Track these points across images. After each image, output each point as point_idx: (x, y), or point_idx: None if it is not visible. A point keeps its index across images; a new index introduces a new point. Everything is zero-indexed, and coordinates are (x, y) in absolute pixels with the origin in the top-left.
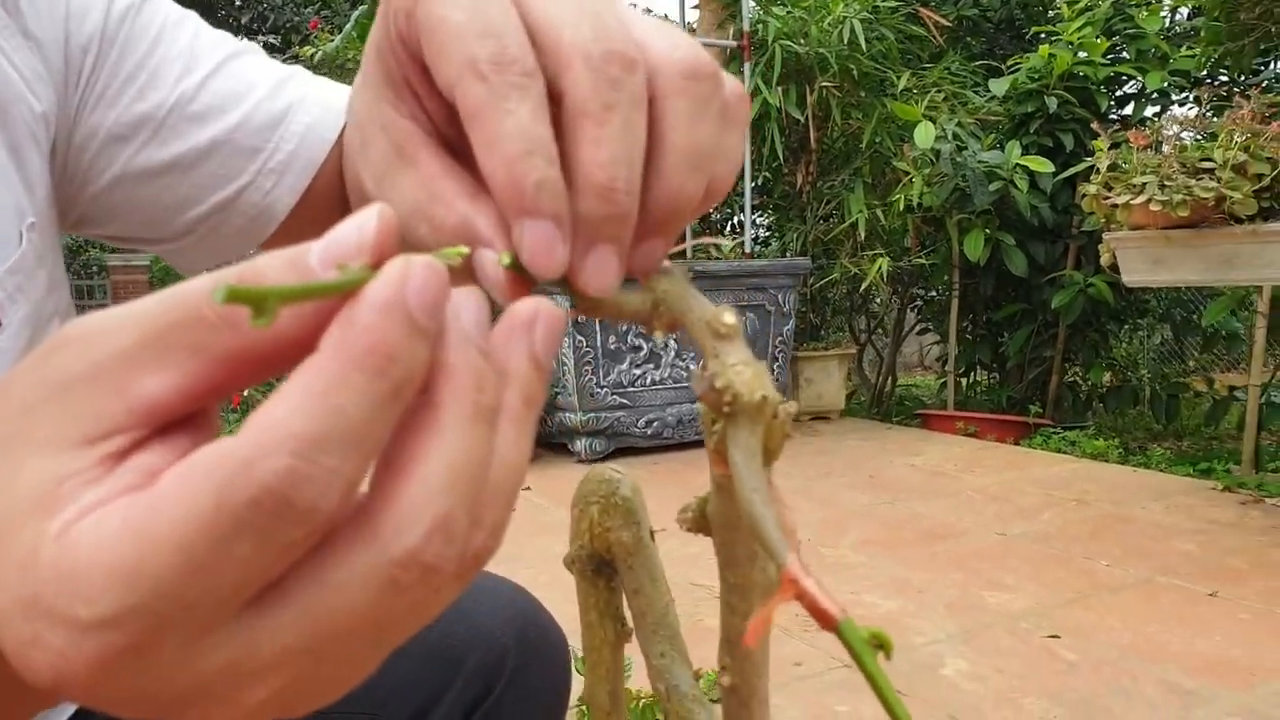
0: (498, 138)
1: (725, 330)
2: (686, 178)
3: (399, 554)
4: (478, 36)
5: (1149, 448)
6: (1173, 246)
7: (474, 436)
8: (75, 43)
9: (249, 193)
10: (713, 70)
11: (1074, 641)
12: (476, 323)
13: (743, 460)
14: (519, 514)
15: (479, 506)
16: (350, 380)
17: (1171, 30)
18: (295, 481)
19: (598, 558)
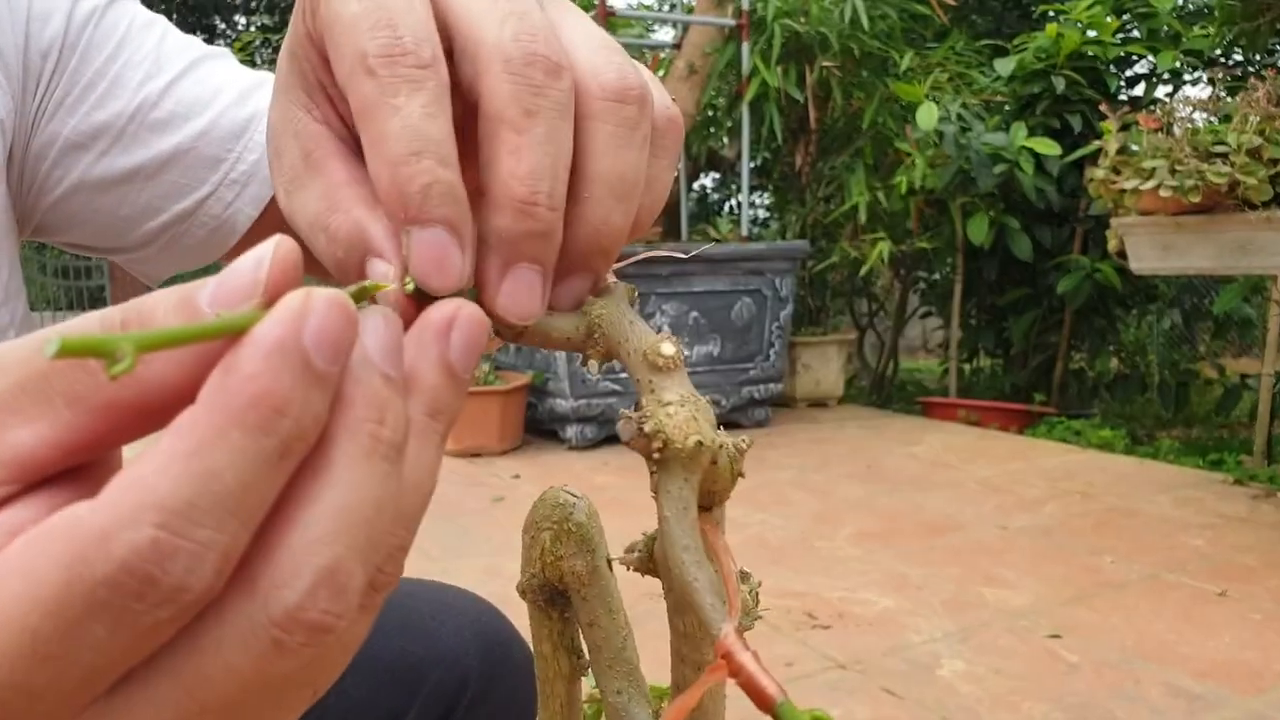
0: (383, 137)
1: (663, 363)
2: (611, 209)
3: (278, 614)
4: (371, 29)
5: (1157, 436)
6: (1183, 233)
7: (370, 476)
8: (35, 48)
9: (210, 204)
10: (640, 92)
11: (1076, 641)
12: (383, 347)
13: (674, 514)
14: (507, 504)
15: (378, 547)
16: (227, 438)
17: (1184, 9)
18: (159, 557)
19: (550, 587)
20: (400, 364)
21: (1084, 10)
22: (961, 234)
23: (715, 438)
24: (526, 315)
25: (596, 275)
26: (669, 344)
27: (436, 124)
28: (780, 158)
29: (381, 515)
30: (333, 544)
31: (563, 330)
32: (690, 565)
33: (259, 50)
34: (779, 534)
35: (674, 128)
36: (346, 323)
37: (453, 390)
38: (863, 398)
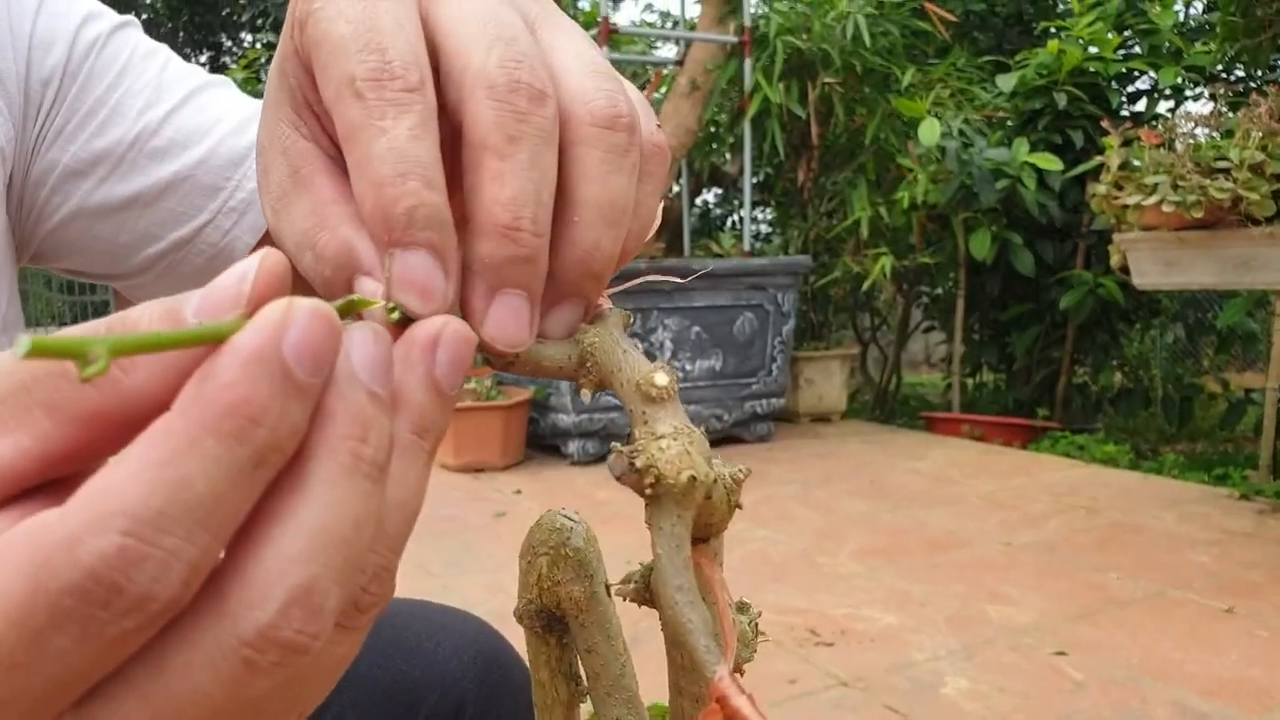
0: (368, 159)
1: (657, 393)
2: (601, 234)
3: (249, 633)
4: (359, 51)
5: (1160, 451)
6: (1186, 248)
7: (350, 494)
8: (36, 75)
9: (208, 231)
10: (630, 120)
11: (1081, 659)
12: (369, 362)
13: (666, 553)
14: (509, 520)
15: (358, 567)
16: (200, 446)
17: (1185, 25)
18: (125, 565)
19: (547, 613)
20: (387, 381)
21: (1085, 27)
22: (964, 249)
23: (709, 472)
24: (514, 342)
25: (588, 302)
26: (662, 374)
27: (423, 146)
28: (782, 173)
29: (361, 535)
30: (308, 563)
31: (554, 359)
32: (683, 606)
33: (264, 68)
34: (781, 550)
35: (660, 153)
36: (328, 334)
37: (439, 408)
38: (865, 412)
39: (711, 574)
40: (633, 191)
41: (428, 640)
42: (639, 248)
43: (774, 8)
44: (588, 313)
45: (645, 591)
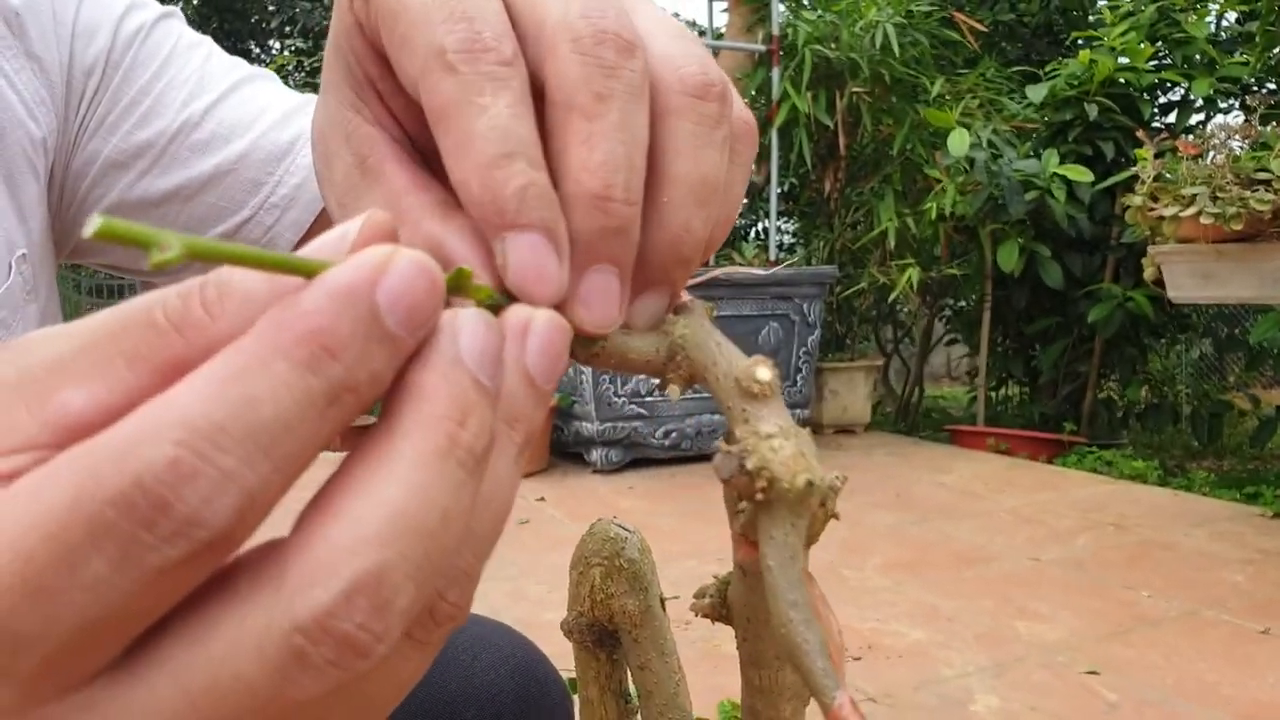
0: (469, 139)
1: (759, 389)
2: (692, 214)
3: (304, 615)
4: (445, 21)
5: (1188, 467)
6: (1224, 261)
7: (441, 479)
8: (79, 65)
9: (249, 228)
10: (723, 89)
11: (1114, 679)
12: (479, 350)
13: (779, 565)
14: (532, 528)
15: (439, 567)
16: (271, 367)
17: (1218, 36)
18: (176, 478)
19: (599, 627)
20: (495, 373)
21: (1117, 37)
22: (991, 261)
23: (825, 475)
24: (605, 323)
25: (675, 289)
26: (765, 368)
27: (524, 124)
28: (808, 183)
29: (448, 529)
30: (382, 547)
31: (642, 351)
32: (799, 624)
33: (292, 74)
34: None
35: (749, 133)
36: (430, 290)
37: (530, 398)
38: (888, 424)
39: (813, 589)
40: (724, 168)
41: (465, 652)
42: (725, 236)
43: (802, 16)
44: (674, 302)
45: (722, 607)
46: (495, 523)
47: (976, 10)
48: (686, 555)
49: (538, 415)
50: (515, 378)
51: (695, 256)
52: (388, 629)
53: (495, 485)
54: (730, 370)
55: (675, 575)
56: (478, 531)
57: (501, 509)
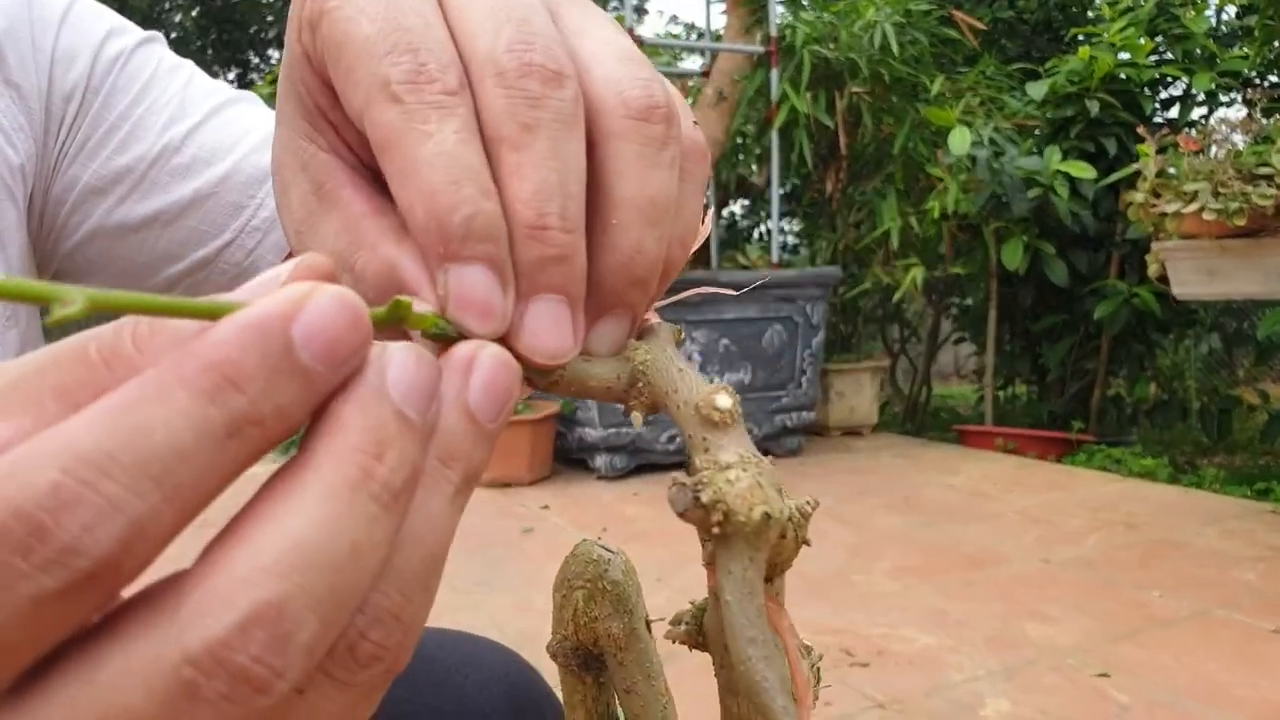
0: (414, 165)
1: (720, 417)
2: (643, 235)
3: (195, 646)
4: (390, 53)
5: (1198, 464)
6: (1228, 257)
7: (350, 512)
8: (58, 91)
9: (230, 251)
10: (668, 109)
11: (1125, 681)
12: (405, 383)
13: (737, 600)
14: (537, 536)
15: (347, 602)
16: (168, 396)
17: (1218, 30)
18: (56, 505)
19: (584, 650)
20: (424, 408)
21: (1117, 33)
22: (995, 259)
23: (784, 508)
24: (554, 353)
25: (634, 313)
26: (725, 396)
27: (471, 150)
28: (810, 184)
29: (358, 564)
30: (281, 578)
31: (602, 378)
32: (758, 661)
33: None
34: (814, 567)
35: (699, 152)
36: (352, 325)
37: (470, 436)
38: (896, 424)
39: (779, 619)
40: (674, 188)
41: (457, 672)
42: (686, 256)
43: (800, 17)
44: (635, 326)
45: (698, 634)
46: (428, 562)
47: (976, 8)
48: (693, 559)
49: (479, 453)
50: (455, 414)
51: (650, 278)
52: (288, 664)
53: (426, 523)
54: (691, 398)
55: (681, 582)
56: (405, 570)
57: (435, 548)
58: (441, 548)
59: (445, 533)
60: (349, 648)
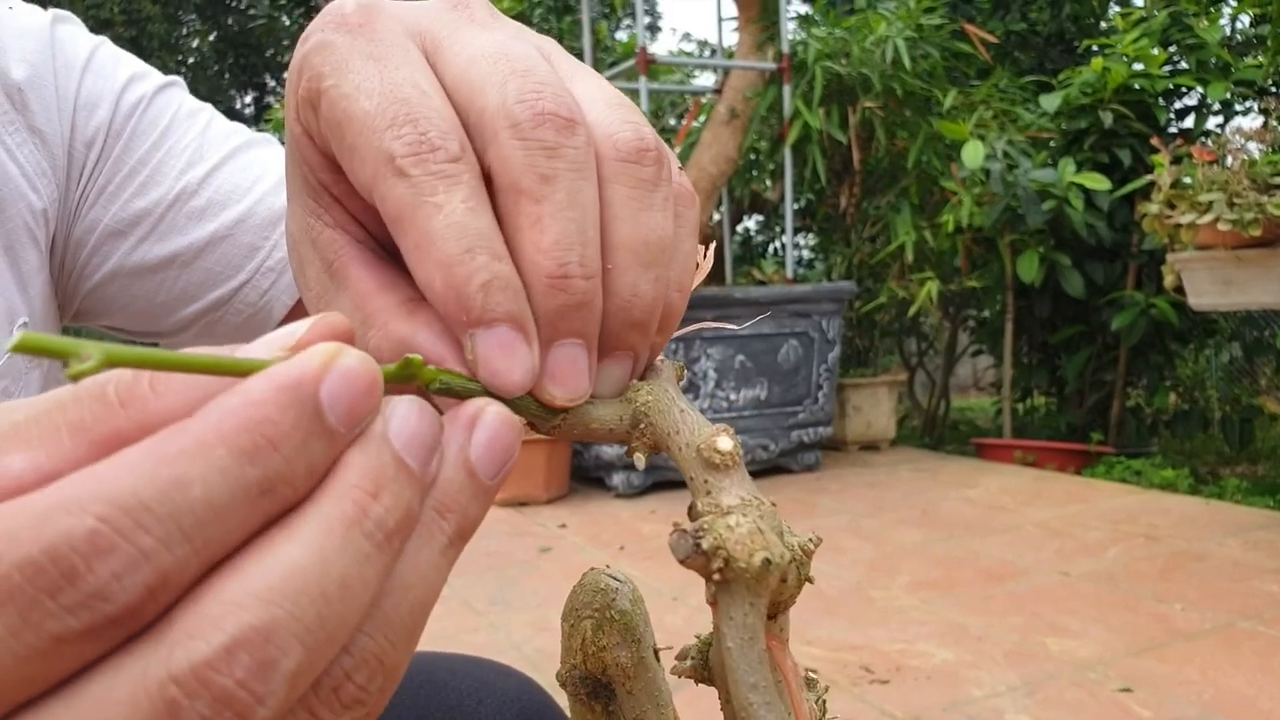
0: (428, 239)
1: (720, 460)
2: (639, 277)
3: (181, 666)
4: (390, 126)
5: (1220, 474)
6: (1244, 267)
7: (344, 547)
8: (80, 137)
9: (245, 291)
10: (658, 152)
11: (1148, 695)
12: (407, 434)
13: (738, 646)
14: (554, 555)
15: (335, 637)
16: (211, 453)
17: (1232, 39)
18: (92, 550)
19: (593, 679)
20: (424, 459)
21: (1130, 44)
22: (1011, 272)
23: (784, 552)
24: (575, 395)
25: (636, 354)
26: (725, 438)
27: (482, 218)
28: (824, 199)
29: (347, 599)
30: (270, 604)
31: (605, 421)
32: (759, 707)
33: None
34: (833, 583)
35: (688, 197)
36: (370, 389)
37: (468, 490)
38: (914, 438)
39: (782, 658)
40: (669, 228)
41: (469, 698)
42: (685, 298)
43: (812, 33)
44: (637, 368)
45: (704, 669)
46: (414, 610)
47: (988, 21)
48: None
49: (474, 508)
50: (455, 467)
51: (649, 320)
52: (270, 690)
53: (415, 571)
54: (692, 440)
55: (698, 600)
56: (392, 616)
57: (423, 597)
58: (429, 598)
59: (434, 583)
60: (334, 688)
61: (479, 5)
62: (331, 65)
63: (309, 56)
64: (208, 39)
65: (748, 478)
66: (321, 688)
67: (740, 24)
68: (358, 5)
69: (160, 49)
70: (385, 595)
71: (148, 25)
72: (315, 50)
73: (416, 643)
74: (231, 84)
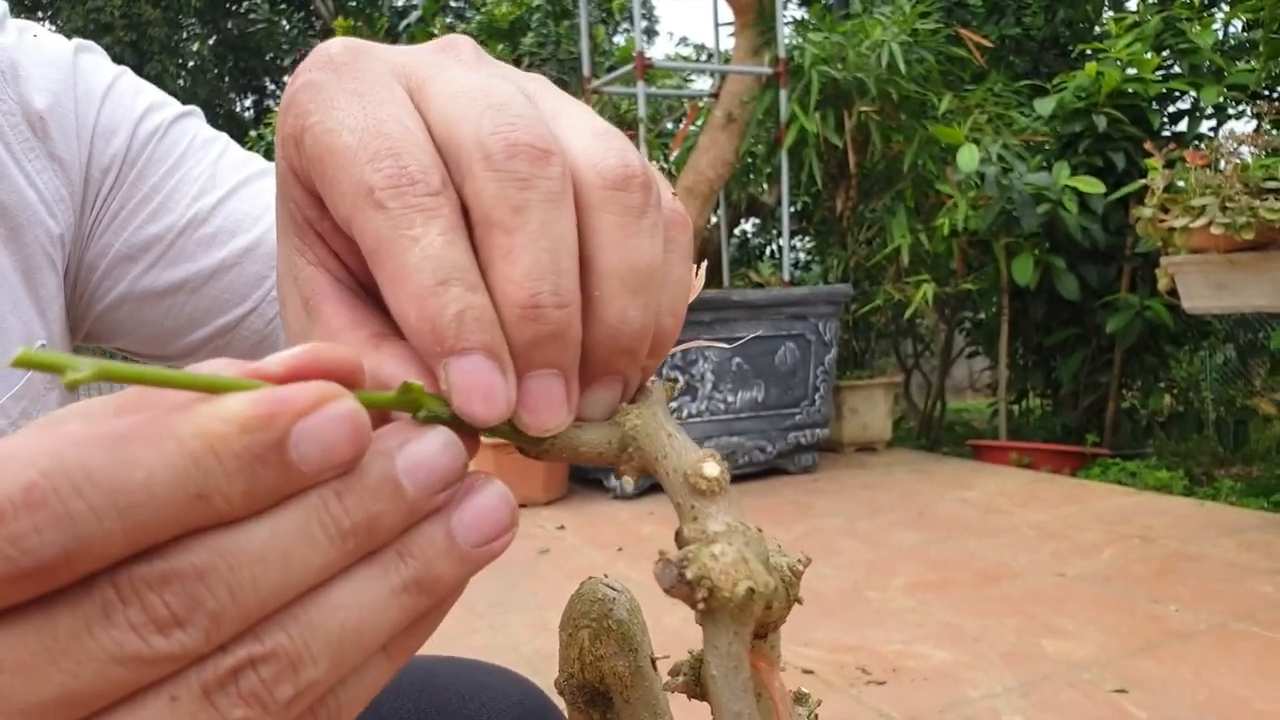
0: (404, 271)
1: (706, 485)
2: (627, 305)
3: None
4: (371, 160)
5: (1215, 476)
6: (1237, 270)
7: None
8: (97, 164)
9: (252, 319)
10: (644, 177)
11: (1143, 696)
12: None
13: (723, 675)
14: (553, 556)
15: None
16: (163, 444)
17: (1226, 44)
18: (22, 501)
19: (590, 688)
20: (426, 485)
21: (1123, 48)
22: (1006, 275)
23: (769, 581)
24: (550, 425)
25: (625, 379)
26: (712, 464)
27: (458, 249)
28: (820, 202)
29: (286, 571)
30: (214, 555)
31: (593, 444)
32: None
33: None
34: (829, 585)
35: (681, 221)
36: (350, 437)
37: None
38: (911, 440)
39: (770, 680)
40: (658, 254)
41: (471, 700)
42: (678, 323)
43: (808, 38)
44: (627, 392)
45: (696, 685)
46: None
47: (982, 25)
48: None
49: (443, 566)
50: (441, 535)
51: (639, 347)
52: (191, 621)
53: (354, 596)
54: (679, 465)
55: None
56: (316, 623)
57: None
58: (363, 627)
59: (374, 615)
60: (234, 669)
61: (466, 47)
62: (317, 102)
63: (296, 95)
64: (207, 42)
65: (735, 502)
66: (222, 664)
67: (737, 29)
68: (344, 46)
69: (160, 52)
70: (316, 604)
71: (148, 29)
72: (302, 90)
73: (343, 672)
74: (231, 87)
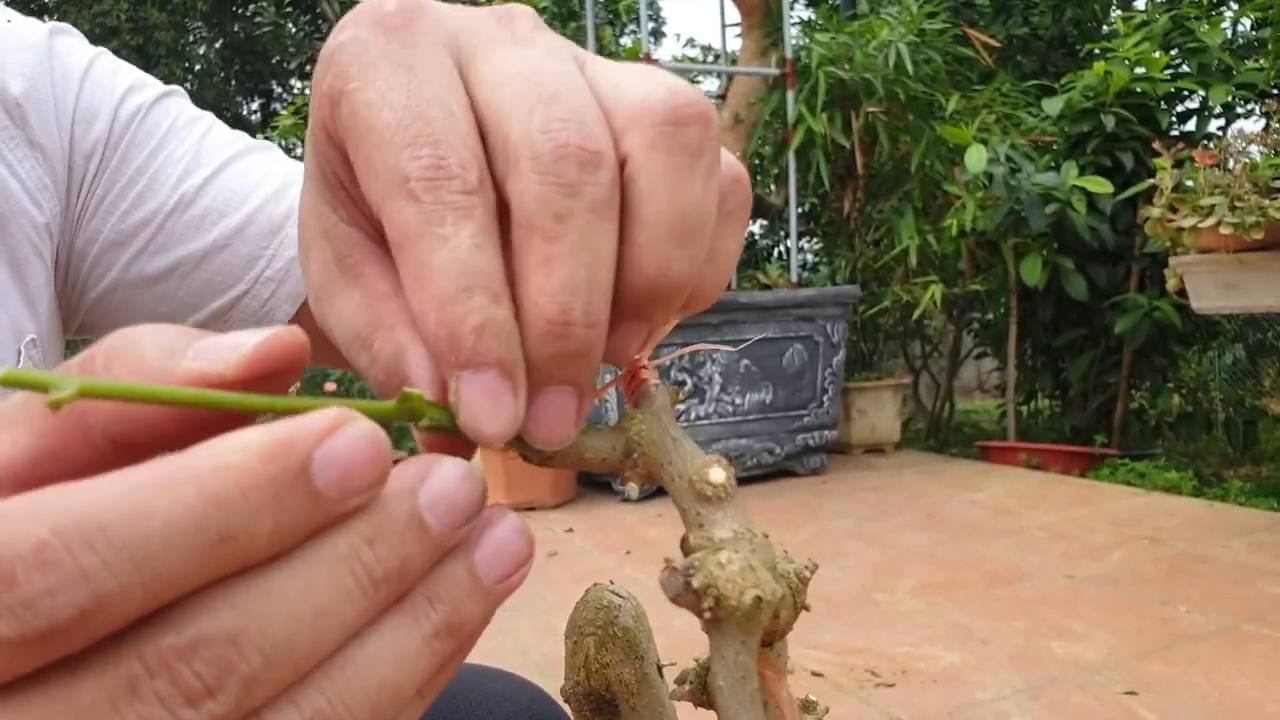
0: (428, 271)
1: (713, 491)
2: (672, 257)
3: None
4: (410, 145)
5: (1224, 476)
6: (1246, 270)
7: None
8: (80, 150)
9: (246, 301)
10: (702, 109)
11: (1154, 699)
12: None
13: (729, 685)
14: (561, 560)
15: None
16: (179, 488)
17: (1234, 42)
18: (34, 561)
19: (596, 695)
20: (449, 520)
21: (1131, 47)
22: (1014, 275)
23: (776, 589)
24: (558, 442)
25: (652, 324)
26: (718, 469)
27: (486, 256)
28: (828, 203)
29: (319, 630)
30: (245, 616)
31: (598, 450)
32: None
33: None
34: (837, 587)
35: (739, 187)
36: (372, 459)
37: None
38: (919, 441)
39: (777, 689)
40: (711, 203)
41: (479, 707)
42: (716, 293)
43: (815, 39)
44: (652, 335)
45: (703, 693)
46: (382, 688)
47: (990, 25)
48: None
49: (470, 606)
50: (456, 561)
51: (674, 297)
52: (220, 688)
53: (390, 649)
54: (685, 471)
55: None
56: (354, 681)
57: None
58: (400, 680)
59: (410, 666)
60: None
61: (525, 19)
62: (360, 64)
63: (337, 53)
64: (214, 46)
65: (742, 509)
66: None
67: (744, 30)
68: (400, 3)
69: (167, 56)
70: (350, 660)
71: (154, 33)
72: (346, 46)
73: None
74: (238, 91)
